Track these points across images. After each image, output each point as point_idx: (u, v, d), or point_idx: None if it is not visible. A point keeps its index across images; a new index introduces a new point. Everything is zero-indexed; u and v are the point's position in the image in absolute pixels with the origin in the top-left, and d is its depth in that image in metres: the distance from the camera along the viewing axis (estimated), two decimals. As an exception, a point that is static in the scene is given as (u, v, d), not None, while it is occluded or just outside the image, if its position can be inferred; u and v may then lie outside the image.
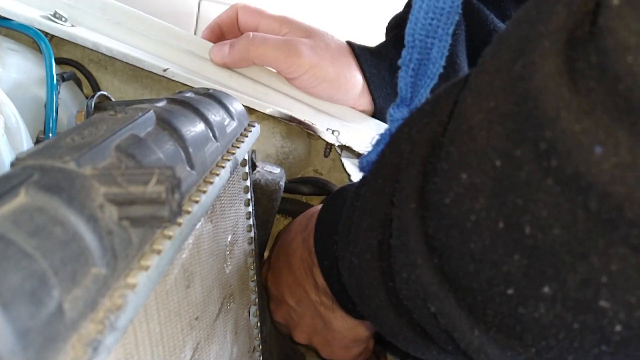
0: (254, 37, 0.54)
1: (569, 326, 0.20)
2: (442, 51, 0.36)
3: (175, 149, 0.26)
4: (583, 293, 0.19)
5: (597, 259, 0.18)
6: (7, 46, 0.46)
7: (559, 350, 0.21)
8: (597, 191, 0.17)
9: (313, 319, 0.45)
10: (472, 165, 0.21)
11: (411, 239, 0.24)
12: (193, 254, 0.29)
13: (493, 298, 0.21)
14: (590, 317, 0.19)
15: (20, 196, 0.17)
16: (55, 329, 0.15)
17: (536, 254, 0.19)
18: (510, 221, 0.19)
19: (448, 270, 0.23)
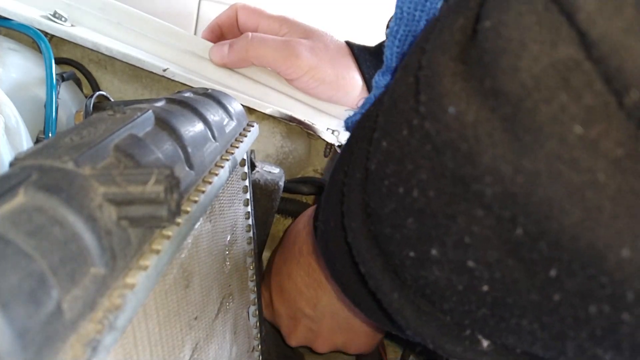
0: (252, 37, 0.54)
1: (456, 287, 0.21)
2: None
3: (174, 149, 0.26)
4: (456, 254, 0.20)
5: (462, 220, 0.19)
6: (7, 46, 0.46)
7: (459, 314, 0.22)
8: (449, 150, 0.18)
9: (333, 317, 0.45)
10: (390, 134, 0.22)
11: (352, 204, 0.26)
12: (192, 254, 0.29)
13: (404, 261, 0.23)
14: (465, 278, 0.20)
15: (19, 196, 0.17)
16: (54, 328, 0.15)
17: (422, 217, 0.20)
18: (405, 185, 0.21)
19: (377, 234, 0.24)
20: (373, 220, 0.24)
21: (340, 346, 0.47)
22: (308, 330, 0.47)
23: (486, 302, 0.20)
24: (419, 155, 0.20)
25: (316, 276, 0.44)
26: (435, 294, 0.22)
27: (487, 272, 0.19)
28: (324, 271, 0.42)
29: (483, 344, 0.23)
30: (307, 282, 0.44)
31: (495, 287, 0.19)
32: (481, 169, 0.17)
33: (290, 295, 0.46)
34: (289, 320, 0.47)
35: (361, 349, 0.48)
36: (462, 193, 0.19)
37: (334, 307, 0.44)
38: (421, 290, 0.23)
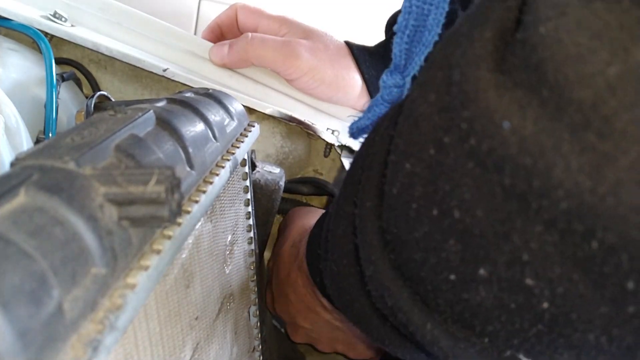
0: (252, 37, 0.54)
1: (507, 307, 0.20)
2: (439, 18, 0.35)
3: (175, 149, 0.26)
4: (511, 272, 0.19)
5: (517, 238, 0.18)
6: (7, 46, 0.46)
7: (505, 334, 0.21)
8: (507, 166, 0.17)
9: (332, 332, 0.46)
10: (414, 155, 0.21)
11: (368, 234, 0.25)
12: (193, 254, 0.29)
13: (440, 286, 0.22)
14: (521, 297, 0.19)
15: (20, 196, 0.17)
16: (55, 329, 0.15)
17: (467, 238, 0.20)
18: (442, 207, 0.20)
19: (401, 262, 0.23)
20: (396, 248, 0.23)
21: (340, 351, 0.48)
22: (307, 336, 0.48)
23: (544, 319, 0.19)
24: (459, 174, 0.19)
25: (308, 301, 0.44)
26: (477, 317, 0.21)
27: (548, 289, 0.18)
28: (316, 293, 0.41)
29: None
30: (300, 306, 0.44)
31: (556, 303, 0.19)
32: (552, 182, 0.16)
33: (288, 308, 0.46)
34: (289, 323, 0.48)
35: (362, 357, 0.48)
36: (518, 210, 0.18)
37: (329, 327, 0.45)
38: (458, 315, 0.22)
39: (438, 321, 0.23)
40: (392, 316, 0.25)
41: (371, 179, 0.26)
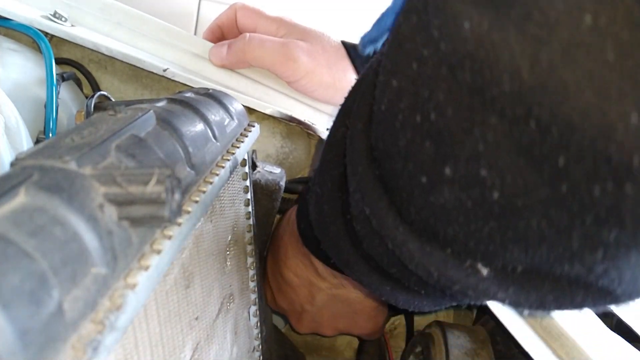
0: (250, 38, 0.54)
1: (465, 206, 0.22)
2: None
3: (175, 149, 0.26)
4: (470, 167, 0.21)
5: (477, 131, 0.20)
6: (7, 46, 0.46)
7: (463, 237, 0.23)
8: (467, 62, 0.19)
9: (332, 306, 0.47)
10: (400, 72, 0.24)
11: (357, 151, 0.28)
12: (193, 254, 0.29)
13: (412, 191, 0.24)
14: (476, 191, 0.21)
15: (20, 196, 0.17)
16: (55, 329, 0.15)
17: (439, 138, 0.22)
18: (423, 112, 0.22)
19: (383, 174, 0.26)
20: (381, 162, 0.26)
21: (343, 330, 0.50)
22: (311, 321, 0.49)
23: (494, 213, 0.21)
24: (435, 81, 0.21)
25: (306, 275, 0.45)
26: (440, 221, 0.23)
27: (499, 178, 0.20)
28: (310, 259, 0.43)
29: (483, 272, 0.24)
30: (299, 282, 0.46)
31: (505, 192, 0.20)
32: (499, 69, 0.19)
33: (287, 294, 0.48)
34: (293, 313, 0.50)
35: (364, 331, 0.50)
36: (478, 103, 0.20)
37: (329, 300, 0.46)
38: (425, 221, 0.24)
39: (409, 227, 0.25)
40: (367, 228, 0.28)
41: (363, 104, 0.28)
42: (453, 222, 0.23)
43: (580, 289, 0.23)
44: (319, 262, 0.43)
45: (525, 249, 0.22)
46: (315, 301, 0.47)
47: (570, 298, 0.24)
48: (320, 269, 0.44)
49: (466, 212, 0.22)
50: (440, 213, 0.23)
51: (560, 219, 0.20)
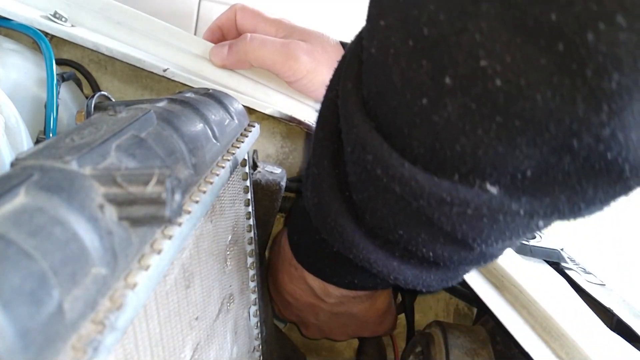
0: (251, 39, 0.54)
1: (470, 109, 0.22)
2: None
3: (176, 149, 0.26)
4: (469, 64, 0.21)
5: (471, 24, 0.21)
6: (7, 46, 0.46)
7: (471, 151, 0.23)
8: None
9: (338, 320, 0.47)
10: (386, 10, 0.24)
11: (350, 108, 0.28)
12: (193, 254, 0.29)
13: (414, 120, 0.24)
14: (478, 87, 0.22)
15: (20, 196, 0.17)
16: (55, 329, 0.15)
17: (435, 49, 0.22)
18: (415, 34, 0.23)
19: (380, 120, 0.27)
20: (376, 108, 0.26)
21: (353, 335, 0.51)
22: (320, 330, 0.50)
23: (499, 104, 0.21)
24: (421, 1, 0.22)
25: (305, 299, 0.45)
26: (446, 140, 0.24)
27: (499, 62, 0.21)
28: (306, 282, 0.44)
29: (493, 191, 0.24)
30: (300, 304, 0.47)
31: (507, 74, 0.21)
32: None
33: (292, 308, 0.48)
34: (301, 324, 0.51)
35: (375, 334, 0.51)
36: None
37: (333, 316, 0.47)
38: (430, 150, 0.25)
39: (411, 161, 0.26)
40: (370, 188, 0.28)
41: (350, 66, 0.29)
42: (460, 135, 0.23)
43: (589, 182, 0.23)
44: (315, 281, 0.43)
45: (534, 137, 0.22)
46: (319, 317, 0.47)
47: (582, 194, 0.24)
48: (317, 289, 0.43)
49: (472, 116, 0.22)
50: (445, 131, 0.23)
51: (562, 83, 0.20)
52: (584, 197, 0.24)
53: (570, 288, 0.47)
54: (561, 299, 0.41)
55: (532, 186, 0.24)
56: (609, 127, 0.21)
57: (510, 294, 0.41)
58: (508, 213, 0.25)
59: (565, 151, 0.22)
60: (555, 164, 0.23)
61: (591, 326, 0.39)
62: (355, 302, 0.45)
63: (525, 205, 0.25)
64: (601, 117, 0.20)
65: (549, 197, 0.24)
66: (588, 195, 0.24)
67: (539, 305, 0.38)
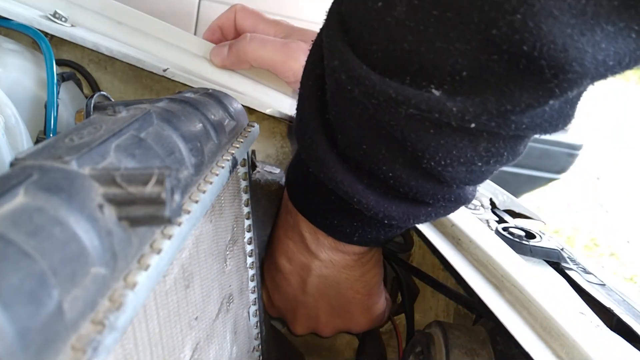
0: (251, 38, 0.54)
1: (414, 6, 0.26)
2: None
3: (175, 149, 0.26)
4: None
5: None
6: (7, 46, 0.46)
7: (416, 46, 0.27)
8: None
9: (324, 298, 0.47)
10: None
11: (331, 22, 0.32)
12: (192, 254, 0.29)
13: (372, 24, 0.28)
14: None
15: (19, 196, 0.17)
16: (54, 329, 0.15)
17: None
18: None
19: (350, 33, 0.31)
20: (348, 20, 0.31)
21: (342, 327, 0.50)
22: (307, 317, 0.49)
23: None
24: None
25: (297, 257, 0.46)
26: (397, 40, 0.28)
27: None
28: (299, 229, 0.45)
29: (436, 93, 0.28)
30: (291, 268, 0.47)
31: None
32: None
33: (281, 288, 0.48)
34: (289, 312, 0.50)
35: (363, 327, 0.50)
36: None
37: (320, 284, 0.47)
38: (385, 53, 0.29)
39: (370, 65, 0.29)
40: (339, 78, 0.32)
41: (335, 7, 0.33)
42: (407, 33, 0.27)
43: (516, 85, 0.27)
44: (306, 228, 0.44)
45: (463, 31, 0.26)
46: (307, 288, 0.47)
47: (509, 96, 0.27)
48: (309, 239, 0.44)
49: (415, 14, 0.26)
50: (396, 30, 0.27)
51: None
52: (510, 99, 0.27)
53: (570, 288, 0.47)
54: (561, 299, 0.41)
55: (466, 86, 0.28)
56: (519, 13, 0.24)
57: (510, 294, 0.41)
58: (443, 111, 0.28)
59: (491, 47, 0.26)
60: (486, 64, 0.26)
61: (591, 326, 0.39)
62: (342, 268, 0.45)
63: (458, 104, 0.28)
64: (512, 2, 0.24)
65: (480, 97, 0.27)
66: (515, 97, 0.27)
67: (539, 305, 0.38)
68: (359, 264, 0.46)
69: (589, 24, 0.24)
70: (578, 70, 0.25)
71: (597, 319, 0.41)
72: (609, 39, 0.25)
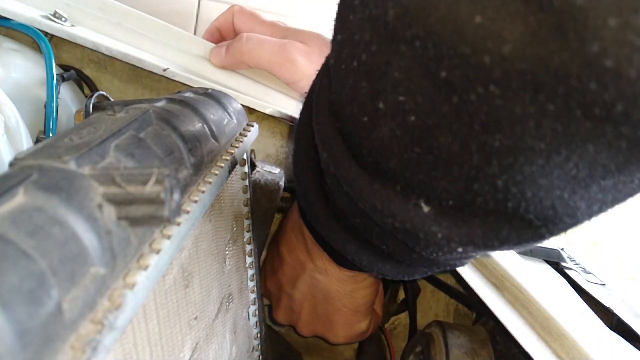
0: (248, 39, 0.54)
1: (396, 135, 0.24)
2: None
3: (174, 149, 0.26)
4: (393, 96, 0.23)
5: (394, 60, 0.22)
6: (8, 46, 0.46)
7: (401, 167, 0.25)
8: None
9: (310, 300, 0.47)
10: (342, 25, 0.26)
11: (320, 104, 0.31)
12: (192, 254, 0.29)
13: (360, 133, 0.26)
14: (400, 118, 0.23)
15: (19, 196, 0.17)
16: (54, 328, 0.15)
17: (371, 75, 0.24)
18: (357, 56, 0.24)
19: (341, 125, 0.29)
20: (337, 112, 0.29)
21: (319, 333, 0.50)
22: (289, 308, 0.49)
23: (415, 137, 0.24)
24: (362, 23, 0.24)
25: (296, 252, 0.46)
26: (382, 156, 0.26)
27: (413, 102, 0.23)
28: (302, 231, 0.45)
29: (424, 209, 0.26)
30: (289, 259, 0.47)
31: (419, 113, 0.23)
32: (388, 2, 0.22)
33: (276, 274, 0.49)
34: (275, 298, 0.50)
35: (340, 340, 0.50)
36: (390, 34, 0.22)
37: (310, 286, 0.47)
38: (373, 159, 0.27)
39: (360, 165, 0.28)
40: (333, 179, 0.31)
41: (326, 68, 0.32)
42: (391, 155, 0.25)
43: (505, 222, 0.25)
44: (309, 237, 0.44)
45: (444, 173, 0.24)
46: (298, 284, 0.47)
47: (496, 232, 0.25)
48: (309, 243, 0.45)
49: (398, 141, 0.25)
50: (382, 148, 0.26)
51: (459, 131, 0.22)
52: (498, 235, 0.25)
53: (570, 288, 0.47)
54: (561, 299, 0.41)
55: (454, 214, 0.26)
56: (501, 179, 0.22)
57: (510, 294, 0.41)
58: (428, 233, 0.27)
59: (475, 195, 0.24)
60: (472, 202, 0.24)
61: (591, 326, 0.39)
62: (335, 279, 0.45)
63: (444, 230, 0.26)
64: (493, 169, 0.22)
65: (466, 227, 0.26)
66: (502, 234, 0.25)
67: (539, 305, 0.38)
68: (352, 281, 0.46)
69: (582, 183, 0.22)
70: (570, 221, 0.24)
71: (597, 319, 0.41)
72: (607, 190, 0.23)
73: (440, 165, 0.24)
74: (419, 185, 0.26)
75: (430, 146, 0.23)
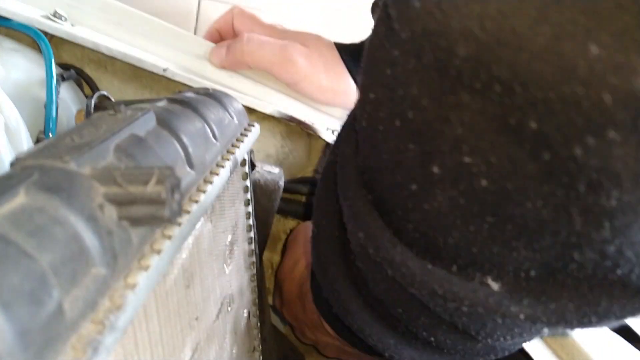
0: (248, 39, 0.54)
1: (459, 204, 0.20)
2: None
3: (175, 149, 0.26)
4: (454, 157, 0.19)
5: (453, 115, 0.19)
6: (8, 46, 0.46)
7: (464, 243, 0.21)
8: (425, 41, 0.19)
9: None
10: (375, 81, 0.23)
11: (346, 176, 0.27)
12: (193, 254, 0.29)
13: (406, 204, 0.23)
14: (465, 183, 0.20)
15: (19, 196, 0.17)
16: (55, 329, 0.15)
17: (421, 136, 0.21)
18: (401, 114, 0.21)
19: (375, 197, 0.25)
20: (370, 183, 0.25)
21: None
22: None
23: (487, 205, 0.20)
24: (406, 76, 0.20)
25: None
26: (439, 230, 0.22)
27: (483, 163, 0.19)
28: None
29: (494, 287, 0.22)
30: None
31: (493, 176, 0.19)
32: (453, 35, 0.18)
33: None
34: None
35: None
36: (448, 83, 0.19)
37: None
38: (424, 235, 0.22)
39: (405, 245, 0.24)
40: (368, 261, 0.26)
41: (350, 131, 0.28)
42: (451, 228, 0.21)
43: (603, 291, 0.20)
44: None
45: (530, 242, 0.20)
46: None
47: (594, 305, 0.21)
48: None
49: (462, 211, 0.20)
50: (437, 221, 0.22)
51: (553, 194, 0.18)
52: (595, 309, 0.21)
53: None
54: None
55: (537, 287, 0.21)
56: (613, 244, 0.18)
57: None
58: (507, 316, 0.22)
59: (568, 258, 0.20)
60: (562, 269, 0.20)
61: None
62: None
63: (527, 310, 0.21)
64: (603, 234, 0.18)
65: (555, 302, 0.21)
66: (601, 307, 0.21)
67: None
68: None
69: None
70: None
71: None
72: None
73: (524, 235, 0.20)
74: (490, 260, 0.21)
75: (510, 215, 0.19)
